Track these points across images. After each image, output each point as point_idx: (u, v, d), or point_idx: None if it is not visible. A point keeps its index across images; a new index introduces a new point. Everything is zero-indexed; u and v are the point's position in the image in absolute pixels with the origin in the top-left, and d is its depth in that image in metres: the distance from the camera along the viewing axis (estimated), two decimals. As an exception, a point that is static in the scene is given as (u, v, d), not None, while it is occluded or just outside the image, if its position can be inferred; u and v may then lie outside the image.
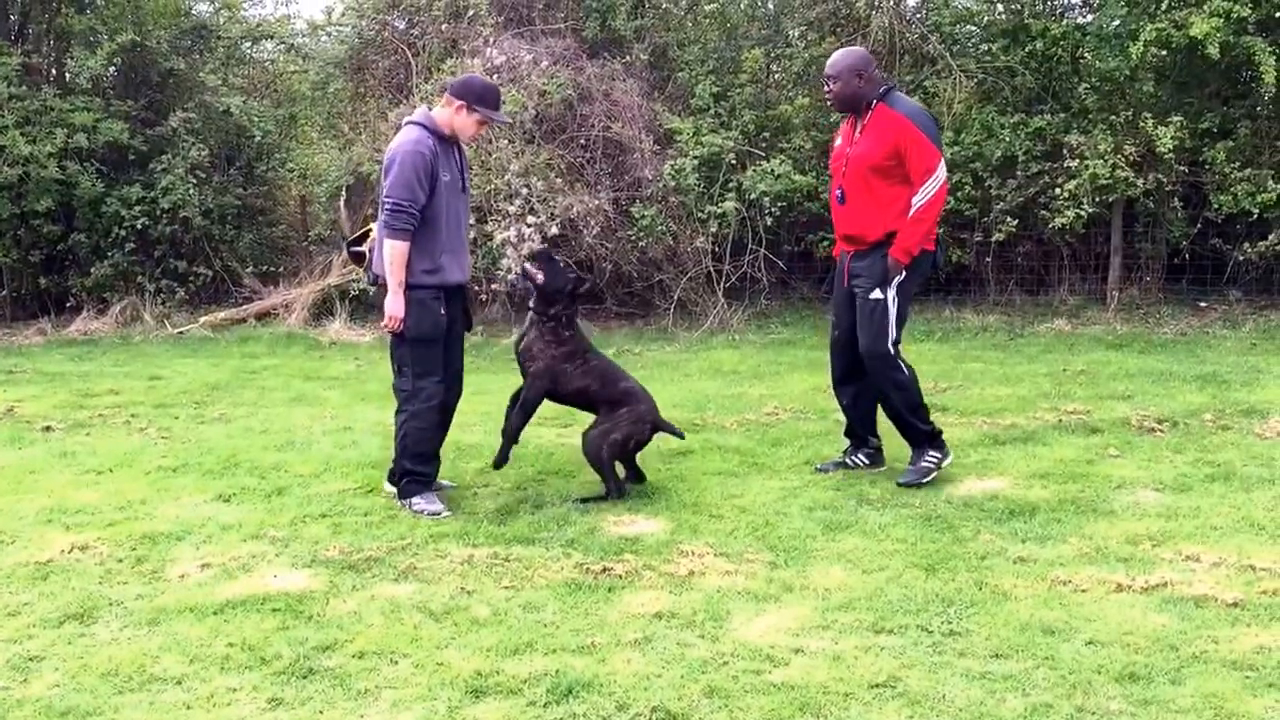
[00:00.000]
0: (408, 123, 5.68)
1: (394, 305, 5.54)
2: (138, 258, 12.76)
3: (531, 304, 6.04)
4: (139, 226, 12.48)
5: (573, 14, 12.35)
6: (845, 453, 6.36)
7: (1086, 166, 10.72)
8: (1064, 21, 11.75)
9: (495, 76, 11.33)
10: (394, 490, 5.82)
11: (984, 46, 12.11)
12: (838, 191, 5.99)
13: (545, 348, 5.89)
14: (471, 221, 11.14)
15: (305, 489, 6.08)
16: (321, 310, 12.18)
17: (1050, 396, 7.91)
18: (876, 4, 11.81)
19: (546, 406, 6.05)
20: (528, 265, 6.02)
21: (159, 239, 12.70)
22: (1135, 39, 10.51)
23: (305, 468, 6.49)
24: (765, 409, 7.73)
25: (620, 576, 4.68)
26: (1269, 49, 10.03)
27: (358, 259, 6.13)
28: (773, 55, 12.79)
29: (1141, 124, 10.73)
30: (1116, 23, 11.28)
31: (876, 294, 5.83)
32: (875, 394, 6.10)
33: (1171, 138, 10.45)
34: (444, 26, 12.09)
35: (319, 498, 5.91)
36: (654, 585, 4.60)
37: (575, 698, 3.65)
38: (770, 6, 13.46)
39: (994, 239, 11.36)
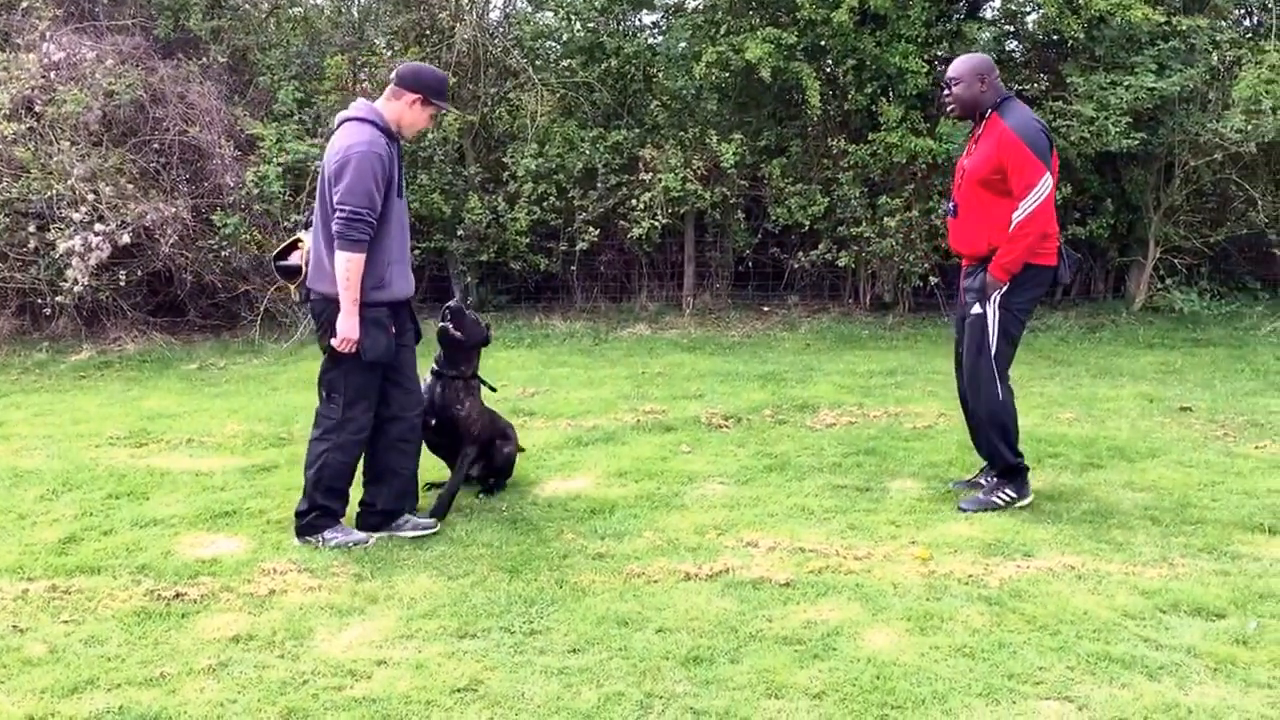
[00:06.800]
0: (352, 119, 5.08)
1: (350, 326, 4.98)
2: None
3: (440, 363, 5.81)
4: None
5: (142, 11, 11.68)
6: (981, 472, 6.06)
7: (660, 180, 11.35)
8: (636, 41, 12.36)
9: (54, 74, 10.53)
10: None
11: (564, 62, 12.53)
12: (951, 205, 5.81)
13: (476, 403, 5.82)
14: (32, 229, 10.33)
15: None
16: None
17: (630, 398, 8.31)
18: (460, 16, 11.96)
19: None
20: (449, 326, 5.73)
21: None
22: (698, 60, 11.25)
23: None
24: (354, 421, 7.64)
25: (195, 601, 4.49)
26: (814, 74, 11.02)
27: (288, 274, 5.34)
28: (359, 63, 12.65)
29: (708, 140, 11.49)
30: (683, 45, 12.01)
31: (977, 309, 5.63)
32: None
33: (734, 154, 11.26)
34: (-8, 17, 11.11)
35: None
36: (232, 607, 4.46)
37: (142, 733, 3.49)
38: (355, 13, 13.31)
39: (578, 248, 11.77)
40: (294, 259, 5.31)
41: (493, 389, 6.09)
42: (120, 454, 6.80)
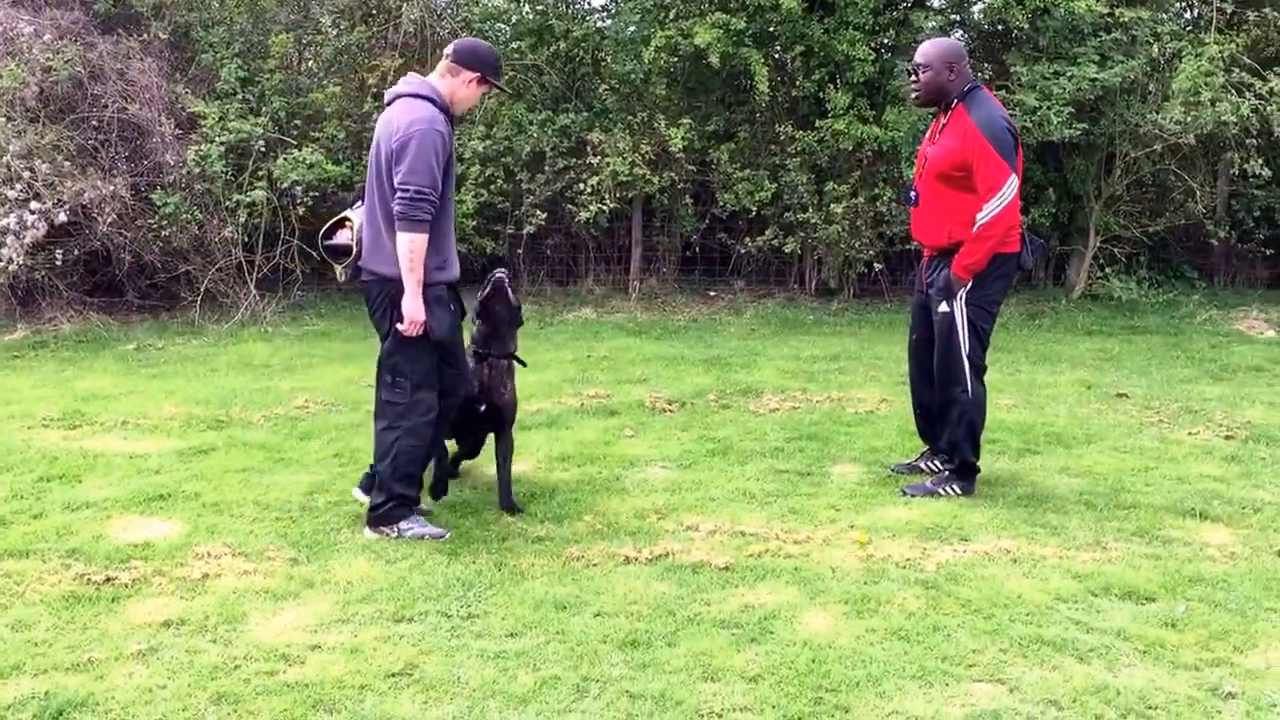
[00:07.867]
0: (410, 96, 4.94)
1: (416, 307, 4.88)
2: None
3: (484, 345, 5.65)
4: None
5: (81, -16, 11.46)
6: (921, 456, 6.15)
7: (608, 164, 11.31)
8: (585, 24, 12.29)
9: (-10, 48, 10.33)
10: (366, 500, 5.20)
11: (513, 44, 12.45)
12: (913, 193, 5.74)
13: (514, 386, 5.71)
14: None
15: None
16: None
17: (575, 382, 8.29)
18: (407, -4, 11.84)
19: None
20: (497, 308, 5.62)
21: None
22: (647, 45, 11.22)
23: None
24: (295, 402, 7.57)
25: (126, 585, 4.43)
26: (762, 60, 11.02)
27: (337, 253, 5.13)
28: (304, 42, 12.49)
29: (656, 125, 11.46)
30: (632, 28, 11.95)
31: (944, 308, 5.59)
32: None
33: (682, 138, 11.25)
34: (-76, -11, 10.85)
35: None
36: (164, 591, 4.40)
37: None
38: (301, -9, 13.13)
39: (525, 231, 11.72)
40: (341, 237, 5.16)
41: (523, 363, 5.96)
42: (53, 435, 6.69)
